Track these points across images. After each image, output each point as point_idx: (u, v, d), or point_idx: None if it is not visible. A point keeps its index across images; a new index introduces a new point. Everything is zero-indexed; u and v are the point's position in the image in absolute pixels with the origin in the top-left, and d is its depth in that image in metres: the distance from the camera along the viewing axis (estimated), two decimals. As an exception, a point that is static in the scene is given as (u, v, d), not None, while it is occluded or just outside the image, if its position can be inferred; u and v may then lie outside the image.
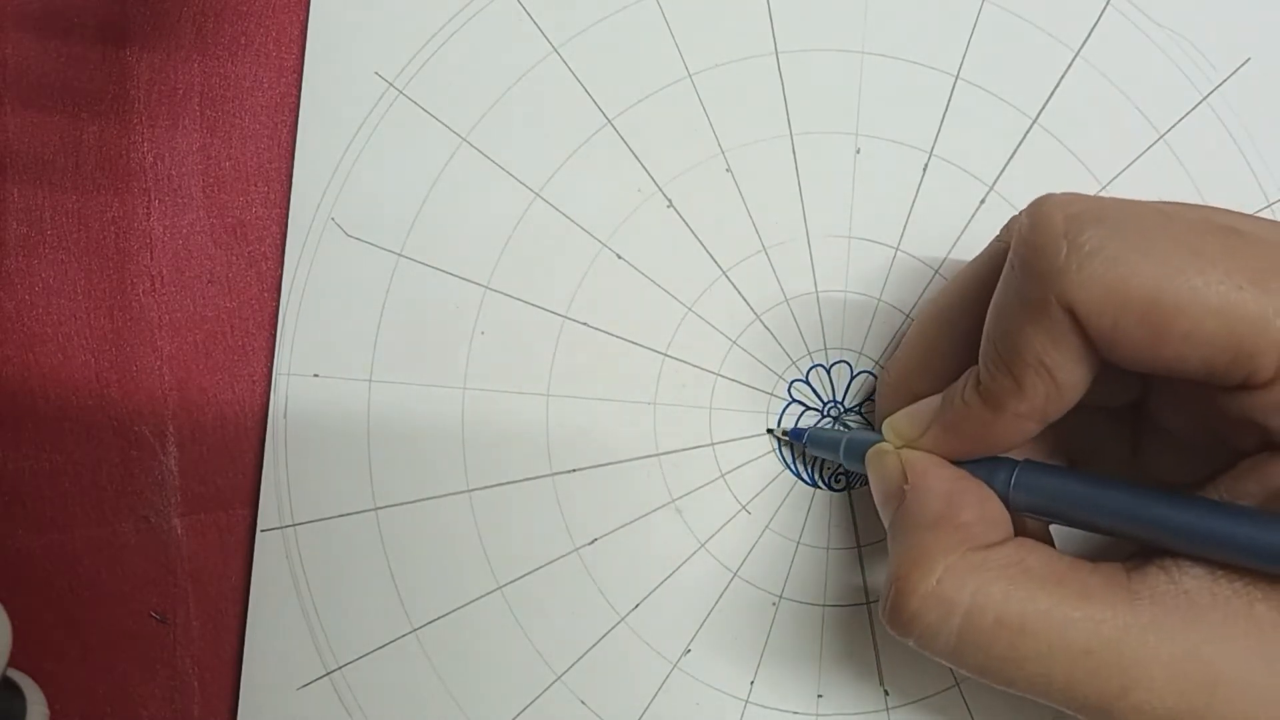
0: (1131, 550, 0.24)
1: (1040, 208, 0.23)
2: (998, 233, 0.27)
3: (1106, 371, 0.23)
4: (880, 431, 0.27)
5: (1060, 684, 0.22)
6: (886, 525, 0.26)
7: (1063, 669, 0.22)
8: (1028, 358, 0.23)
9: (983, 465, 0.25)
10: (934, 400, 0.26)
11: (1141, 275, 0.21)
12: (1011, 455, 0.25)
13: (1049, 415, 0.24)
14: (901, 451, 0.26)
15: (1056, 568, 0.23)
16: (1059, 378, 0.23)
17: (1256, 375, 0.21)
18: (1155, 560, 0.23)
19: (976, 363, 0.25)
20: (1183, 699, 0.21)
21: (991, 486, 0.25)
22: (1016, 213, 0.26)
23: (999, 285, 0.24)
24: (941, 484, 0.25)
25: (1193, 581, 0.22)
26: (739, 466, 0.32)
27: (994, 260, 0.26)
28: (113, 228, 0.33)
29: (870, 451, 0.27)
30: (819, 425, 0.32)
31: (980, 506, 0.24)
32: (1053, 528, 0.27)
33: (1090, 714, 0.22)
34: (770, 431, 0.32)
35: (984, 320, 0.25)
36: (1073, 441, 0.28)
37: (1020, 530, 0.25)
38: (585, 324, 0.32)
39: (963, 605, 0.23)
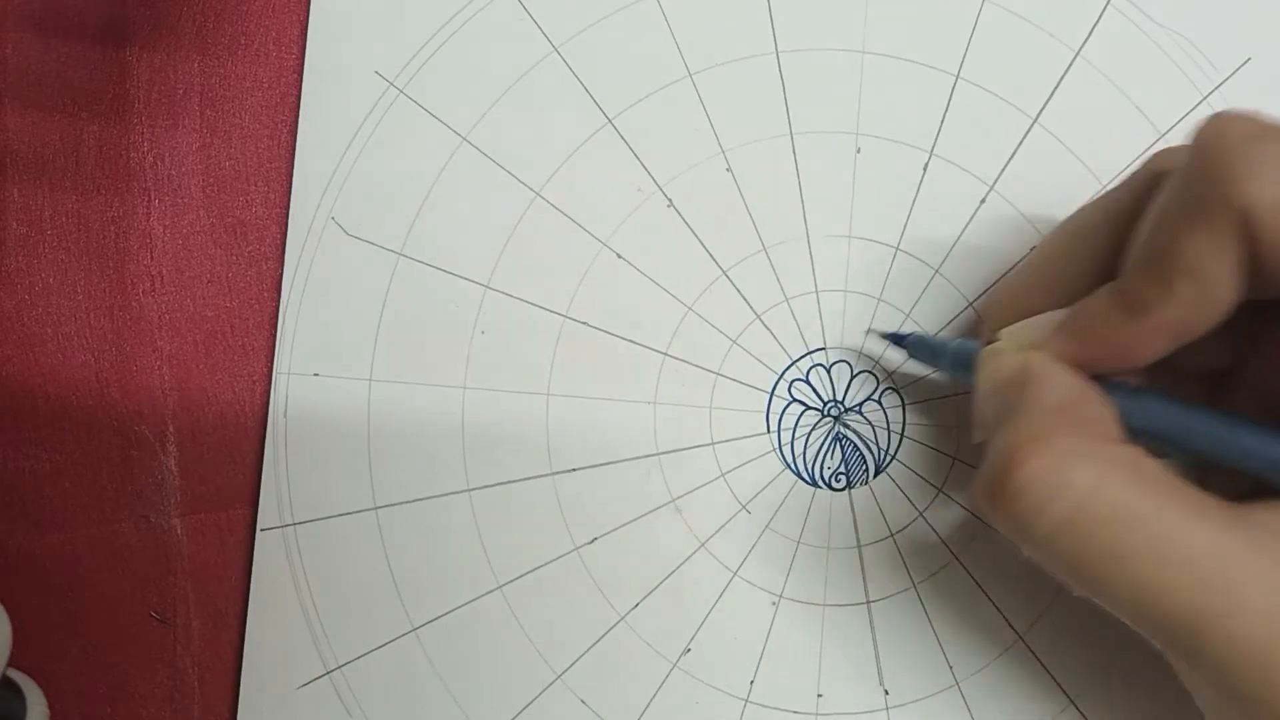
0: (1242, 491, 0.23)
1: (1219, 118, 0.22)
2: (1143, 164, 0.26)
3: (1211, 333, 0.23)
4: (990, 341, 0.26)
5: (1155, 592, 0.21)
6: (996, 416, 0.25)
7: (1164, 576, 0.21)
8: (1186, 262, 0.22)
9: (1102, 386, 0.24)
10: (1058, 312, 0.25)
11: None
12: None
13: (1189, 331, 0.23)
14: (1024, 353, 0.25)
15: (1173, 481, 0.22)
16: (1212, 287, 0.22)
17: None
18: (1267, 498, 0.22)
19: (1095, 285, 0.24)
20: None
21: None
22: (1150, 152, 0.26)
23: (1165, 191, 0.23)
24: (1065, 379, 0.24)
25: None
26: (739, 466, 0.32)
27: (1135, 186, 0.25)
28: (113, 227, 0.33)
29: (986, 349, 0.26)
30: (919, 334, 0.31)
31: (1101, 409, 0.23)
32: None
33: (1176, 631, 0.21)
34: (871, 331, 0.31)
35: (1120, 243, 0.24)
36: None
37: None
38: (585, 323, 0.32)
39: (1077, 488, 0.21)
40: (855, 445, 0.32)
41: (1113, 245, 0.25)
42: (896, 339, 0.31)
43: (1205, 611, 0.21)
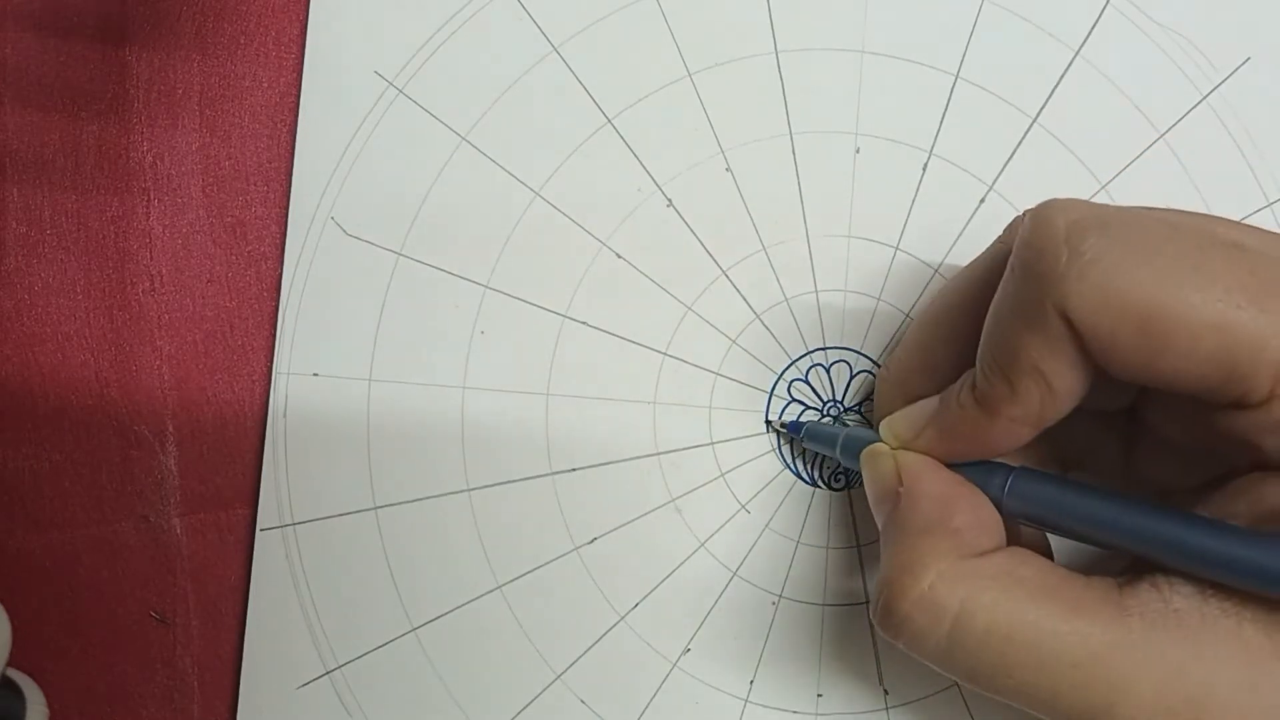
0: (1124, 565, 0.24)
1: (1042, 212, 0.23)
2: (1000, 234, 0.27)
3: (1103, 377, 0.23)
4: (877, 430, 0.27)
5: (1046, 695, 0.22)
6: (880, 526, 0.26)
7: (1049, 680, 0.22)
8: (1023, 363, 0.23)
9: (978, 469, 0.25)
10: (931, 402, 0.26)
11: (1140, 287, 0.21)
12: (1006, 460, 0.25)
13: (1044, 421, 0.24)
14: (897, 453, 0.26)
15: (1048, 579, 0.23)
16: (1054, 384, 0.23)
17: (1251, 395, 0.21)
18: (1147, 577, 0.23)
19: (966, 364, 0.25)
20: (1169, 717, 0.21)
21: (986, 492, 0.25)
22: (1019, 214, 0.26)
23: (999, 288, 0.24)
24: (936, 488, 0.25)
25: (1183, 600, 0.22)
26: (739, 466, 0.32)
27: (995, 261, 0.26)
28: (112, 227, 0.33)
29: (865, 452, 0.27)
30: (818, 421, 0.32)
31: (974, 513, 0.24)
32: (1050, 535, 0.27)
33: None
34: (769, 424, 0.32)
35: (972, 318, 0.25)
36: (1066, 445, 0.28)
37: (1016, 538, 0.25)
38: (585, 323, 0.32)
39: (952, 611, 0.23)
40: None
41: (976, 324, 0.25)
42: (793, 428, 0.31)
43: (1093, 706, 0.22)
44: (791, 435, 0.31)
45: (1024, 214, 0.25)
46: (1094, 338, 0.21)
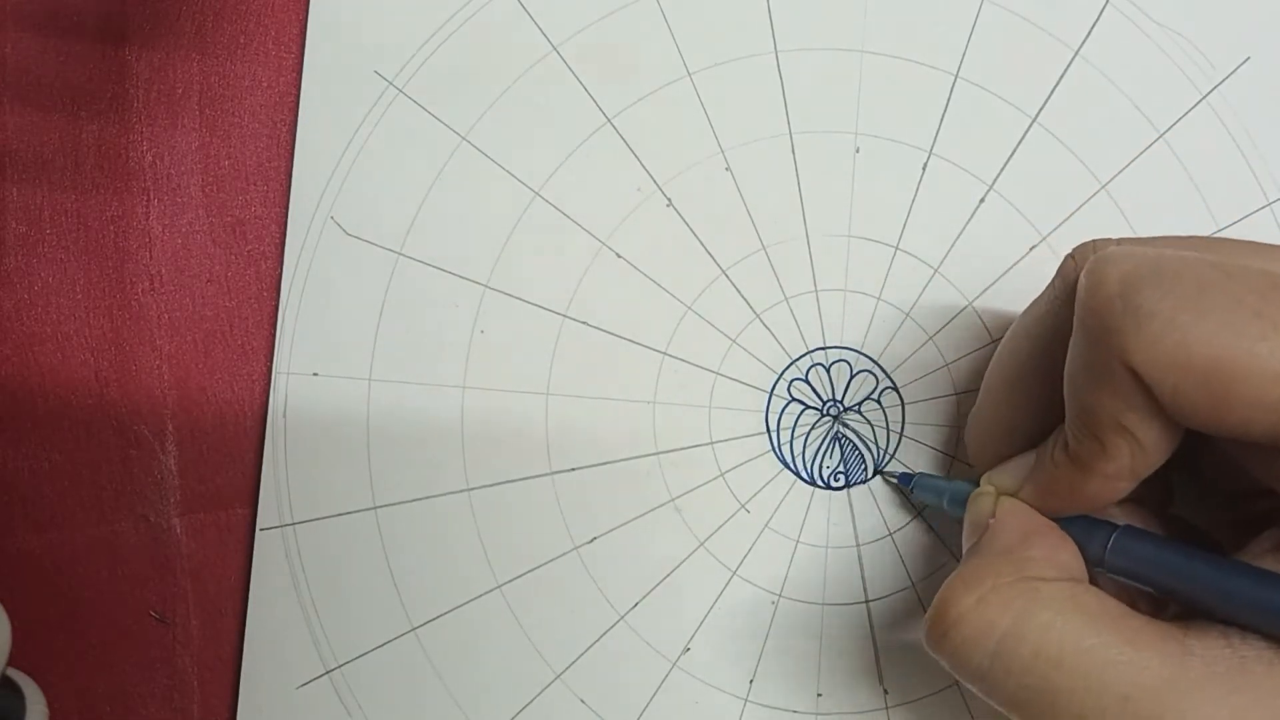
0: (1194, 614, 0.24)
1: (1096, 269, 0.22)
2: (1051, 279, 0.26)
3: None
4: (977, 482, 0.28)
5: None
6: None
7: (1095, 711, 0.21)
8: (1106, 422, 0.22)
9: (1081, 525, 0.25)
10: (1029, 456, 0.26)
11: (1201, 339, 0.20)
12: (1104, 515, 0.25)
13: (1139, 474, 0.23)
14: (1001, 496, 0.26)
15: (1110, 610, 0.22)
16: (1142, 439, 0.22)
17: None
18: (1218, 626, 0.22)
19: (1052, 413, 0.25)
20: None
21: (1088, 548, 0.25)
22: (1067, 254, 0.25)
23: (1070, 346, 0.23)
24: (1022, 521, 0.25)
25: (1251, 649, 0.21)
26: (738, 465, 0.32)
27: (1050, 306, 0.25)
28: (112, 227, 0.33)
29: (972, 495, 0.27)
30: (926, 474, 0.31)
31: (1052, 549, 0.24)
32: None
33: None
34: (879, 473, 0.32)
35: (1048, 369, 0.24)
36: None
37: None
38: (585, 323, 0.32)
39: (1001, 628, 0.22)
40: (854, 444, 0.32)
41: (1050, 366, 0.25)
42: (904, 480, 0.31)
43: None
44: (902, 487, 0.31)
45: (1070, 257, 0.24)
46: (1160, 392, 0.21)
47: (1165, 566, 0.23)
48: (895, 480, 0.31)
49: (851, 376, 0.32)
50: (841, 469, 0.32)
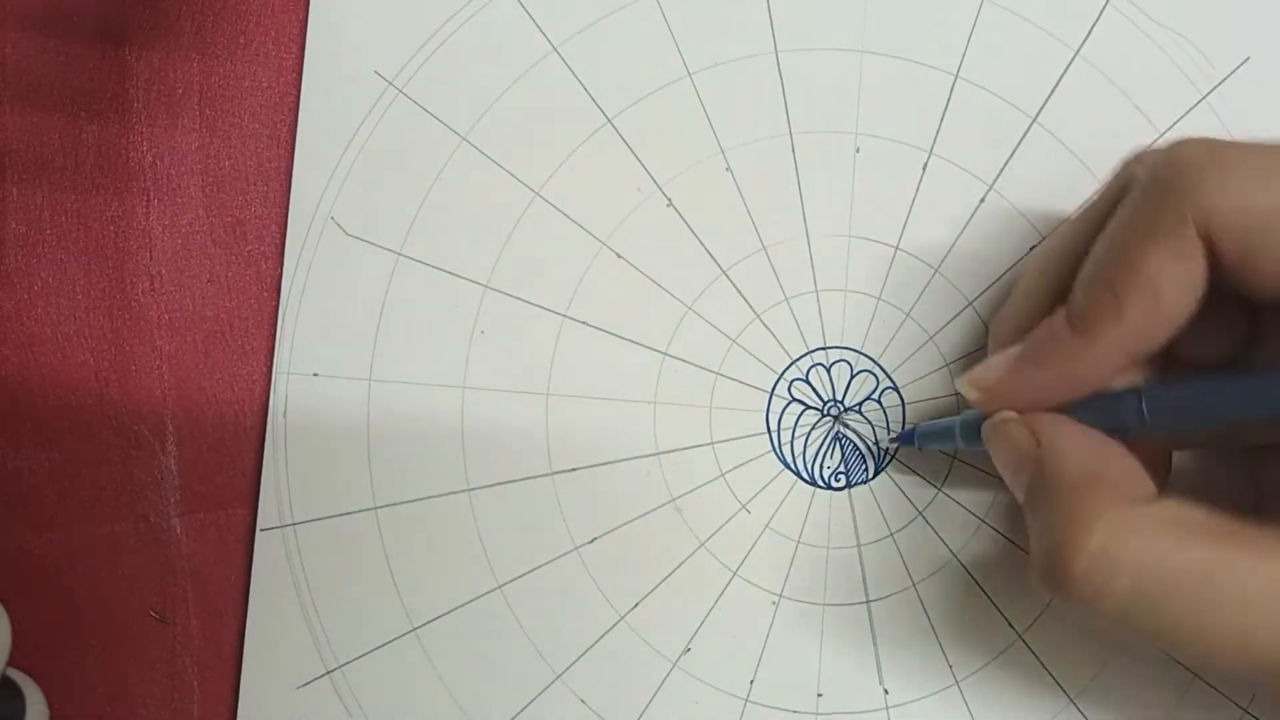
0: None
1: (1183, 141, 0.23)
2: (1113, 174, 0.26)
3: (1209, 319, 0.23)
4: (962, 393, 0.27)
5: (1239, 641, 0.21)
6: (1021, 494, 0.25)
7: (1246, 624, 0.21)
8: (1139, 276, 0.22)
9: (1103, 405, 0.25)
10: (1013, 349, 0.26)
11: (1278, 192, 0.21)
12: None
13: (1142, 345, 0.23)
14: (1028, 417, 0.25)
15: (1219, 522, 0.22)
16: (1164, 301, 0.22)
17: None
18: None
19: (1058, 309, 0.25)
20: None
21: (1124, 423, 0.24)
22: (1129, 156, 0.26)
23: (1119, 211, 0.24)
24: (1080, 443, 0.24)
25: None
26: (739, 465, 0.32)
27: (1106, 203, 0.26)
28: (112, 227, 0.33)
29: (987, 424, 0.26)
30: (922, 423, 0.31)
31: (1124, 461, 0.24)
32: None
33: (1272, 673, 0.21)
34: (892, 441, 0.31)
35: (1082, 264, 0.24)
36: None
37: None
38: (585, 323, 0.32)
39: (1131, 563, 0.21)
40: (855, 445, 0.32)
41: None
42: (905, 438, 0.31)
43: None
44: (906, 445, 0.31)
45: (1139, 153, 0.25)
46: (1236, 251, 0.22)
47: (1211, 398, 0.23)
48: (897, 444, 0.31)
49: (852, 376, 0.32)
50: (842, 469, 0.32)
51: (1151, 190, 0.23)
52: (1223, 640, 0.21)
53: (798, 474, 0.32)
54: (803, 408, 0.32)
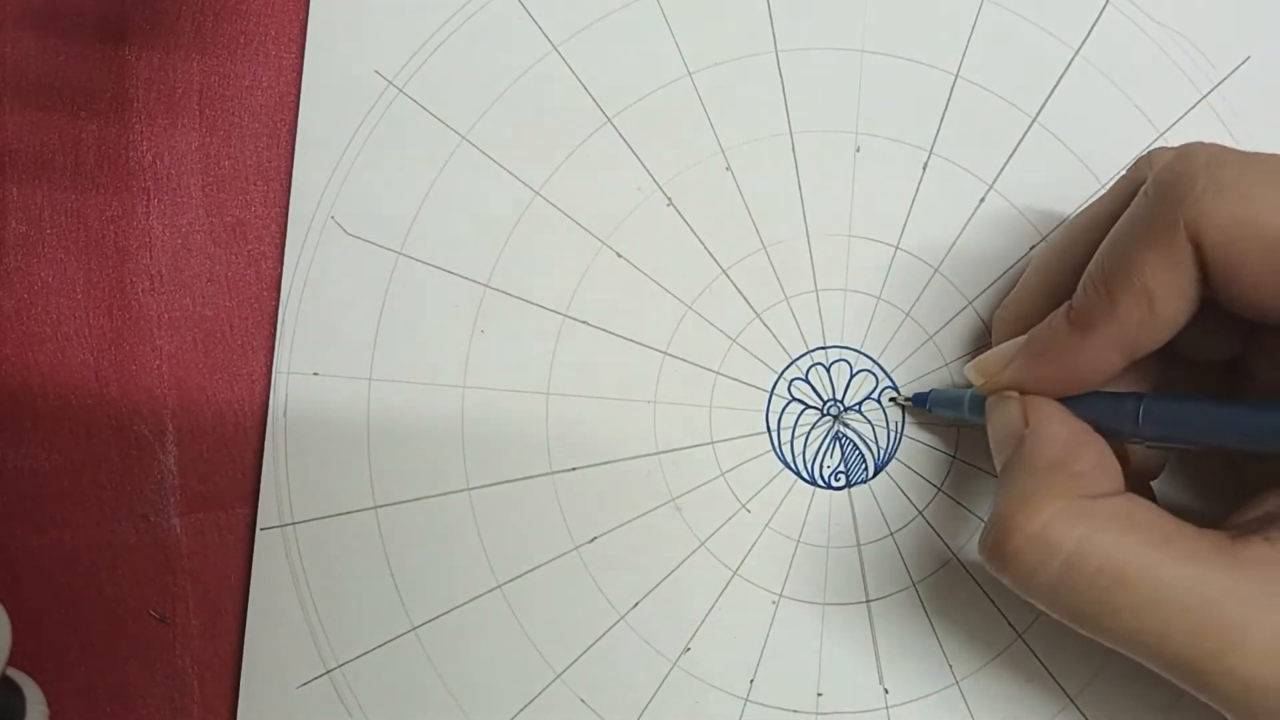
0: (1236, 524, 0.24)
1: (1187, 148, 0.23)
2: (1125, 171, 0.27)
3: (1209, 321, 0.23)
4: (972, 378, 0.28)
5: (1153, 639, 0.22)
6: (1000, 467, 0.26)
7: (1158, 624, 0.22)
8: (1133, 280, 0.23)
9: (1107, 401, 0.25)
10: (1019, 339, 0.27)
11: (1272, 213, 0.21)
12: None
13: (1137, 347, 0.24)
14: (1024, 398, 0.26)
15: (1164, 526, 0.23)
16: (1157, 306, 0.23)
17: None
18: (1259, 531, 0.23)
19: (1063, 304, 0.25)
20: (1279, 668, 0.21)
21: (1119, 422, 0.25)
22: (1145, 152, 0.27)
23: (1126, 211, 0.24)
24: (1061, 430, 0.25)
25: None
26: (739, 465, 0.32)
27: (1117, 200, 0.26)
28: (112, 226, 0.33)
29: (991, 398, 0.27)
30: (937, 389, 0.31)
31: (1097, 458, 0.24)
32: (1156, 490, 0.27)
33: (1180, 672, 0.22)
34: (894, 400, 0.32)
35: (1087, 261, 0.25)
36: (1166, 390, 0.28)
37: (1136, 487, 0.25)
38: (585, 322, 0.32)
39: (1066, 549, 0.23)
40: (855, 444, 0.32)
41: (1090, 257, 0.25)
42: (919, 400, 0.31)
43: (1202, 652, 0.22)
44: (918, 406, 0.31)
45: (1151, 152, 0.26)
46: (1222, 260, 0.22)
47: (1204, 420, 0.24)
48: (910, 403, 0.31)
49: (851, 376, 0.32)
50: (842, 468, 0.32)
51: (1151, 194, 0.23)
52: (1135, 637, 0.22)
53: (797, 473, 0.32)
54: (802, 407, 0.32)
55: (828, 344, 0.32)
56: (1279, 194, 0.22)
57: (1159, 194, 0.23)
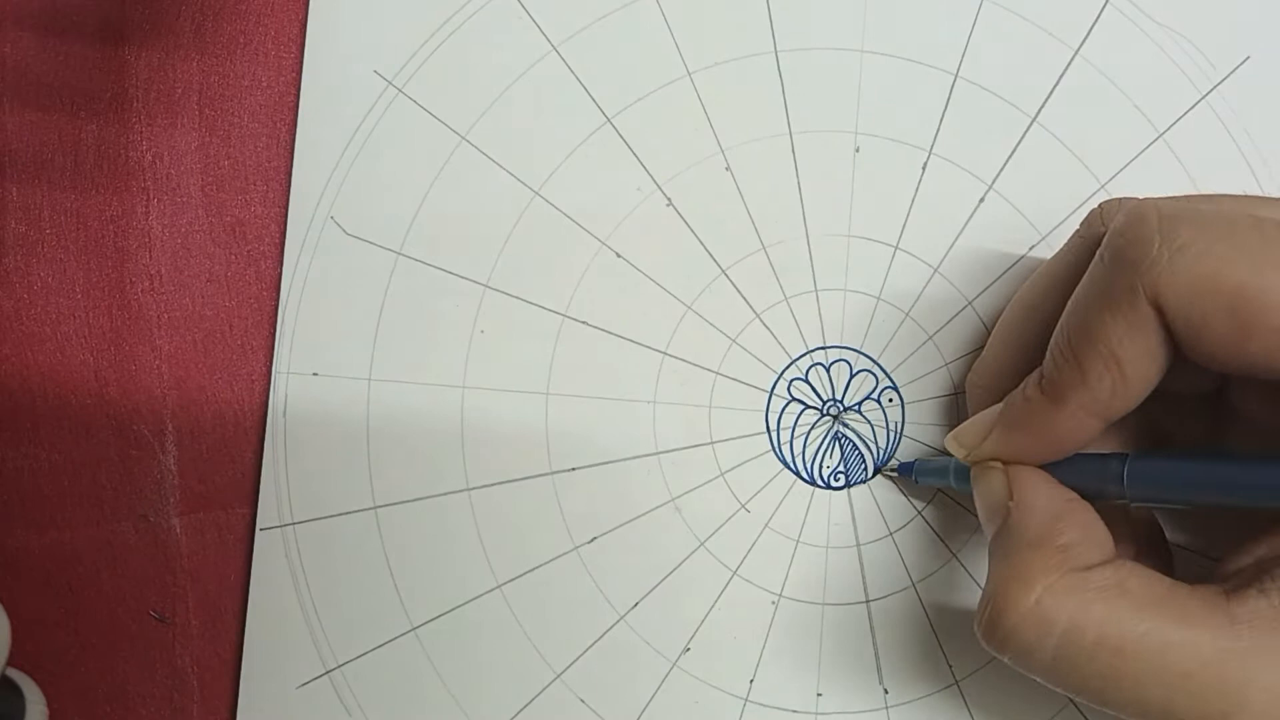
0: (1229, 573, 0.24)
1: (1136, 206, 0.23)
2: (1077, 227, 0.27)
3: (1185, 363, 0.23)
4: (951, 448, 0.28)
5: (1158, 706, 0.22)
6: (989, 540, 0.26)
7: (1161, 691, 0.22)
8: (1100, 348, 0.23)
9: (1091, 463, 0.25)
10: (995, 408, 0.27)
11: (1231, 270, 0.21)
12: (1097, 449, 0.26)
13: (1111, 412, 0.24)
14: (1009, 468, 0.26)
15: (1156, 590, 0.23)
16: (1127, 371, 0.23)
17: None
18: (1254, 584, 0.23)
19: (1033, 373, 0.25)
20: None
21: (1104, 483, 0.25)
22: (1095, 207, 0.27)
23: (1084, 277, 0.24)
24: (1046, 503, 0.25)
25: None
26: (738, 465, 0.32)
27: (1074, 256, 0.26)
28: (111, 226, 0.33)
29: (975, 468, 0.27)
30: (921, 459, 0.31)
31: (1083, 528, 0.24)
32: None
33: None
34: (879, 471, 0.32)
35: (1056, 319, 0.25)
36: (1153, 427, 0.28)
37: (1126, 541, 0.25)
38: (585, 322, 0.32)
39: (1060, 625, 0.23)
40: (854, 444, 0.32)
41: (1058, 316, 0.25)
42: (904, 469, 0.31)
43: (1211, 714, 0.22)
44: (904, 476, 0.31)
45: (1100, 207, 0.25)
46: (1185, 322, 0.22)
47: (1189, 479, 0.24)
48: (896, 474, 0.31)
49: (851, 376, 0.32)
50: (842, 469, 0.32)
51: (1108, 261, 0.23)
52: (1141, 706, 0.23)
53: (797, 473, 0.32)
54: (802, 407, 0.32)
55: (827, 344, 0.32)
56: (1235, 250, 0.22)
57: (1115, 261, 0.23)
